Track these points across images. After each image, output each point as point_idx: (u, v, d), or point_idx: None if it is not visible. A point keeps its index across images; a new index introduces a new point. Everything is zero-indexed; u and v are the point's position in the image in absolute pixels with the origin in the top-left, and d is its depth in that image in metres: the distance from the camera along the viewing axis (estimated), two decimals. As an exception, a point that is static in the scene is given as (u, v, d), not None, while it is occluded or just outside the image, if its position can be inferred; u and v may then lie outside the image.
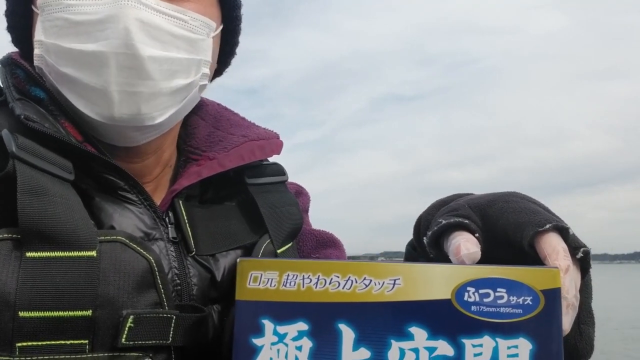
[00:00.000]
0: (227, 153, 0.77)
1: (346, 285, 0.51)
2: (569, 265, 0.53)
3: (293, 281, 0.53)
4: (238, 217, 0.76)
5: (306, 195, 0.93)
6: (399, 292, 0.50)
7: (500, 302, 0.48)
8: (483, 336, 0.47)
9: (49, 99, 0.67)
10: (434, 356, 0.48)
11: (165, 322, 0.61)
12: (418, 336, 0.49)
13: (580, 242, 0.58)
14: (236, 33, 0.79)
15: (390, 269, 0.51)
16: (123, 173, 0.67)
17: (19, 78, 0.69)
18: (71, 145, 0.64)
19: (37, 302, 0.55)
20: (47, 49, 0.66)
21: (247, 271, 0.54)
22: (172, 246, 0.68)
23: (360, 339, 0.50)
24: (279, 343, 0.52)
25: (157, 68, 0.65)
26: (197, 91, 0.72)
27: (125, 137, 0.69)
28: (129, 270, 0.60)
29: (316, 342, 0.51)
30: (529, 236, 0.56)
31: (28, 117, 0.63)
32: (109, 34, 0.62)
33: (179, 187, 0.72)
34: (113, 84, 0.63)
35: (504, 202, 0.61)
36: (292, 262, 0.54)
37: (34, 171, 0.59)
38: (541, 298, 0.47)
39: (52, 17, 0.65)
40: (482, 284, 0.48)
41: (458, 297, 0.48)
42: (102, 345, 0.58)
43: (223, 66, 0.81)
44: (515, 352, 0.47)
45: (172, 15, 0.66)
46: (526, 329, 0.47)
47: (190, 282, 0.67)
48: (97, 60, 0.63)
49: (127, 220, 0.66)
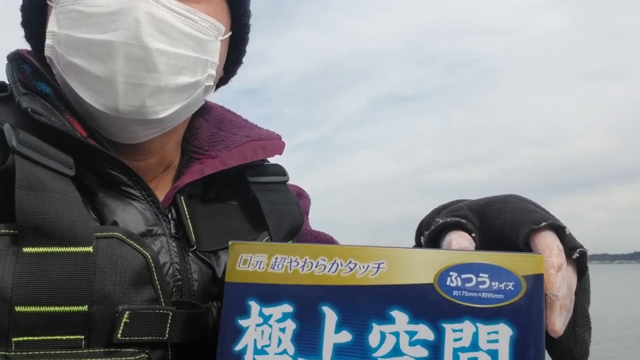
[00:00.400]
0: (229, 152, 0.78)
1: (332, 269, 0.52)
2: (561, 264, 0.52)
3: (281, 264, 0.53)
4: (239, 215, 0.78)
5: (307, 197, 0.94)
6: (382, 276, 0.50)
7: (482, 287, 0.47)
8: (464, 321, 0.47)
9: (55, 94, 0.69)
10: (414, 340, 0.48)
11: (162, 318, 0.61)
12: (399, 320, 0.49)
13: (577, 242, 0.57)
14: (244, 41, 0.81)
15: (375, 253, 0.51)
16: (126, 168, 0.68)
17: (26, 73, 0.70)
18: (76, 139, 0.65)
19: (33, 297, 0.55)
20: (58, 40, 0.68)
21: (238, 254, 0.55)
22: (174, 242, 0.69)
23: (343, 322, 0.50)
24: (263, 324, 0.53)
25: (164, 62, 0.66)
26: (202, 91, 0.73)
27: (127, 132, 0.70)
28: (126, 266, 0.60)
29: (300, 324, 0.51)
30: (524, 234, 0.55)
31: (35, 110, 0.64)
32: (119, 25, 0.64)
33: (181, 183, 0.73)
34: (119, 74, 0.65)
35: (503, 202, 0.61)
36: (281, 246, 0.55)
37: (33, 166, 0.60)
38: (523, 284, 0.46)
39: (66, 9, 0.67)
40: (465, 269, 0.48)
41: (440, 282, 0.48)
42: (98, 341, 0.58)
43: (230, 74, 0.84)
44: (495, 338, 0.46)
45: (183, 14, 0.68)
46: (507, 314, 0.46)
47: (191, 277, 0.68)
48: (105, 50, 0.64)
49: (130, 216, 0.66)
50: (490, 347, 0.46)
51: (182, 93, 0.70)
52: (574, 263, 0.56)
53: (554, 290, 0.51)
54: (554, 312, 0.52)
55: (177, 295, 0.66)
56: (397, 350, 0.48)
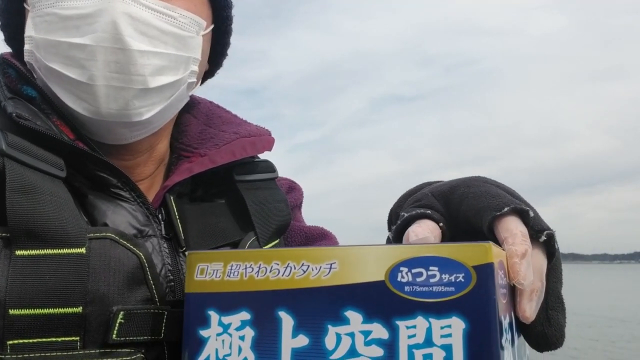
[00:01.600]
0: (218, 149, 0.78)
1: (285, 272, 0.51)
2: (526, 250, 0.50)
3: (237, 271, 0.53)
4: (227, 214, 0.77)
5: (299, 190, 0.93)
6: (335, 276, 0.49)
7: (433, 280, 0.46)
8: (416, 317, 0.45)
9: (40, 97, 0.68)
10: (369, 340, 0.47)
11: (157, 318, 0.62)
12: (353, 320, 0.47)
13: (544, 224, 0.55)
14: (227, 33, 0.80)
15: (326, 253, 0.50)
16: (115, 170, 0.68)
17: (11, 77, 0.70)
18: (63, 142, 0.65)
19: (27, 300, 0.55)
20: (36, 44, 0.67)
21: (195, 263, 0.55)
22: (165, 242, 0.69)
23: (299, 326, 0.49)
24: (223, 334, 0.52)
25: (145, 62, 0.65)
26: (186, 89, 0.73)
27: (114, 134, 0.70)
28: (119, 266, 0.60)
29: (258, 331, 0.51)
30: (487, 221, 0.54)
31: (20, 115, 0.64)
32: (96, 27, 0.63)
33: (170, 183, 0.73)
34: (100, 78, 0.64)
35: (466, 187, 0.59)
36: (235, 253, 0.54)
37: (23, 169, 0.60)
38: (473, 274, 0.45)
39: (43, 12, 0.66)
40: (415, 263, 0.46)
41: (392, 278, 0.47)
42: (94, 342, 0.58)
43: (215, 67, 0.83)
44: (448, 332, 0.44)
45: (161, 12, 0.67)
46: (459, 307, 0.44)
47: (183, 278, 0.68)
48: (83, 54, 0.64)
49: (120, 217, 0.66)
50: (444, 342, 0.44)
51: (165, 92, 0.70)
52: (543, 245, 0.55)
53: (519, 279, 0.49)
54: (524, 298, 0.51)
55: (170, 295, 0.66)
56: (354, 351, 0.47)
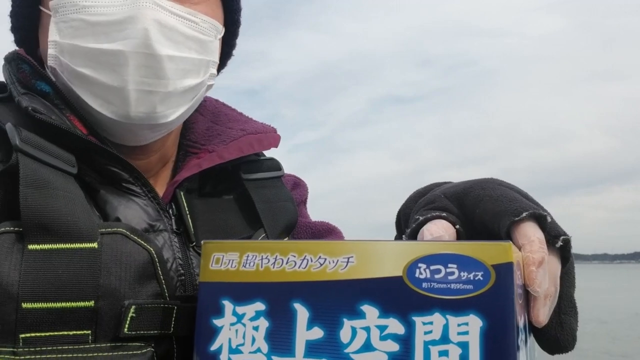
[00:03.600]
0: (226, 146, 0.79)
1: (302, 265, 0.51)
2: (543, 258, 0.50)
3: (252, 262, 0.53)
4: (235, 210, 0.78)
5: (304, 186, 0.94)
6: (352, 270, 0.49)
7: (451, 278, 0.46)
8: (433, 313, 0.46)
9: (54, 92, 0.69)
10: (384, 335, 0.47)
11: (167, 313, 0.62)
12: (369, 314, 0.48)
13: (560, 229, 0.55)
14: (235, 36, 0.82)
15: (344, 247, 0.50)
16: (127, 165, 0.68)
17: (25, 73, 0.71)
18: (76, 137, 0.66)
19: (39, 294, 0.56)
20: (61, 49, 0.68)
21: (210, 253, 0.55)
22: (175, 237, 0.70)
23: (314, 318, 0.49)
24: (237, 323, 0.52)
25: (173, 67, 0.67)
26: (204, 91, 0.75)
27: (136, 136, 0.72)
28: (130, 261, 0.61)
29: (272, 322, 0.51)
30: (505, 226, 0.54)
31: (35, 109, 0.65)
32: (128, 33, 0.65)
33: (180, 178, 0.74)
34: (131, 82, 0.65)
35: (481, 189, 0.59)
36: (252, 243, 0.54)
37: (36, 164, 0.61)
38: (492, 273, 0.45)
39: (68, 18, 0.67)
40: (434, 260, 0.47)
41: (409, 274, 0.47)
42: (105, 336, 0.59)
43: (220, 67, 0.83)
44: (465, 330, 0.45)
45: (185, 17, 0.69)
46: (477, 305, 0.45)
47: (193, 272, 0.69)
48: (115, 60, 0.65)
49: (132, 212, 0.67)
50: (460, 339, 0.45)
51: (188, 95, 0.72)
52: (558, 250, 0.55)
53: (535, 287, 0.49)
54: (538, 302, 0.51)
55: (181, 290, 0.66)
56: (369, 346, 0.47)
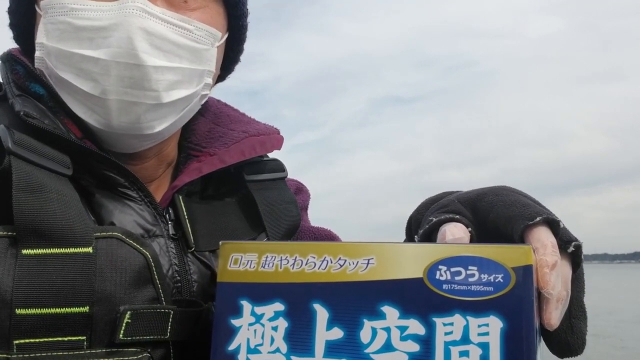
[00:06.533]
0: (227, 149, 0.77)
1: (322, 266, 0.52)
2: (556, 261, 0.51)
3: (271, 262, 0.53)
4: (237, 213, 0.77)
5: (306, 192, 0.93)
6: (372, 271, 0.50)
7: (472, 280, 0.47)
8: (454, 315, 0.47)
9: (48, 95, 0.68)
10: (405, 335, 0.48)
11: (163, 318, 0.61)
12: (390, 315, 0.48)
13: (571, 235, 0.57)
14: (241, 41, 0.80)
15: (364, 249, 0.51)
16: (123, 170, 0.67)
17: (19, 74, 0.69)
18: (70, 141, 0.64)
19: (33, 299, 0.55)
20: (48, 52, 0.66)
21: (229, 253, 0.55)
22: (172, 243, 0.69)
23: (334, 319, 0.50)
24: (256, 324, 0.53)
25: (159, 78, 0.64)
26: (198, 101, 0.72)
27: (123, 144, 0.70)
28: (126, 266, 0.60)
29: (291, 322, 0.51)
30: (519, 230, 0.55)
31: (28, 113, 0.63)
32: (111, 41, 0.62)
33: (179, 183, 0.73)
34: (113, 92, 0.63)
35: (494, 195, 0.61)
36: (271, 244, 0.55)
37: (30, 167, 0.59)
38: (512, 275, 0.46)
39: (55, 19, 0.65)
40: (454, 262, 0.48)
41: (430, 276, 0.48)
42: (100, 342, 0.58)
43: (226, 72, 0.82)
44: (485, 331, 0.46)
45: (177, 25, 0.66)
46: (497, 306, 0.46)
47: (190, 278, 0.68)
48: (97, 68, 0.63)
49: (128, 217, 0.66)
50: (481, 340, 0.46)
51: (178, 106, 0.69)
52: (569, 255, 0.56)
53: (549, 289, 0.50)
54: (550, 306, 0.52)
55: (177, 295, 0.66)
56: (389, 346, 0.48)
